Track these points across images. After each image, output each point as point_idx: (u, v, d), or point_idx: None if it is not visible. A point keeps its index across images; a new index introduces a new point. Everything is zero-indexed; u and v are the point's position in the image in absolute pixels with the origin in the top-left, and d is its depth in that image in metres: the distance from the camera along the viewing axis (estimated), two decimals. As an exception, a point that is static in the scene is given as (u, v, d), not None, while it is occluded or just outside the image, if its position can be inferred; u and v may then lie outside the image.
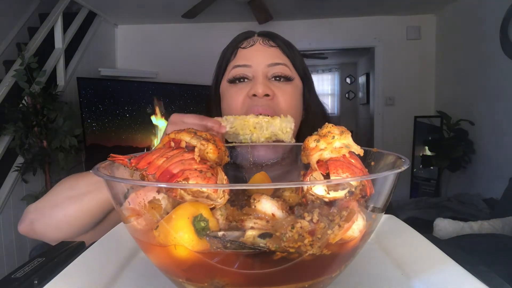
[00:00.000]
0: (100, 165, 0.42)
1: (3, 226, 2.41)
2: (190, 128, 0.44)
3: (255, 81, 0.77)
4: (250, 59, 0.79)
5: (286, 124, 0.68)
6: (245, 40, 0.82)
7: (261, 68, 0.78)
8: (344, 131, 0.43)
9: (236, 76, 0.79)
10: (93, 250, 0.53)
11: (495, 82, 2.91)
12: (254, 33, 0.85)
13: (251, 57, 0.79)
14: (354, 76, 7.49)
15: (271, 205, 0.39)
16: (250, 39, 0.82)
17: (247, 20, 3.76)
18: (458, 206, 2.69)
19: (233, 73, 0.80)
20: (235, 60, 0.81)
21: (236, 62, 0.80)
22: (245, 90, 0.77)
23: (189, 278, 0.38)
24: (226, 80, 0.82)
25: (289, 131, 0.68)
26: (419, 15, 3.93)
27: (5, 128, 2.41)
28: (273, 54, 0.79)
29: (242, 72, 0.79)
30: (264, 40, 0.81)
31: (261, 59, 0.78)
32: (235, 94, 0.78)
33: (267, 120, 0.68)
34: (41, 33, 2.84)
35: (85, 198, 0.69)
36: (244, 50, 0.80)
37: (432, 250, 0.52)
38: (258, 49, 0.80)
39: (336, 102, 7.73)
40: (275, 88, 0.77)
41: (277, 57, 0.79)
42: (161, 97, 3.49)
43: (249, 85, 0.78)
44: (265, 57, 0.79)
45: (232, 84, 0.80)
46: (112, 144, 3.14)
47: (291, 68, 0.80)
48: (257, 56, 0.79)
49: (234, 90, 0.79)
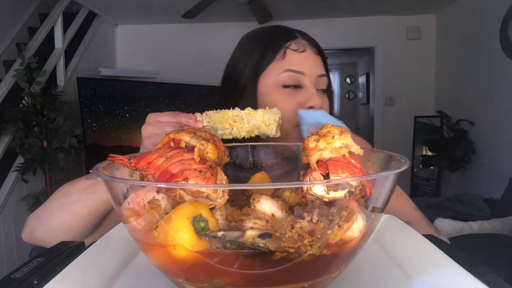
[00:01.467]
0: (99, 165, 0.42)
1: (3, 226, 2.41)
2: (190, 128, 0.44)
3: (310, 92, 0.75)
4: (304, 66, 0.76)
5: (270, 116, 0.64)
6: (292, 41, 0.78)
7: (313, 78, 0.76)
8: (343, 131, 0.43)
9: (290, 82, 0.75)
10: (93, 250, 0.53)
11: (495, 82, 2.91)
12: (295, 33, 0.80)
13: (305, 64, 0.76)
14: (354, 76, 7.49)
15: (270, 205, 0.39)
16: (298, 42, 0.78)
17: (247, 20, 3.76)
18: (458, 206, 2.69)
19: (285, 77, 0.75)
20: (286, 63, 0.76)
21: (289, 66, 0.76)
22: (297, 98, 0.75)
23: (188, 278, 0.38)
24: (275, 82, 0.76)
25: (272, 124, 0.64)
26: (419, 15, 3.93)
27: (5, 128, 2.41)
28: (319, 64, 0.78)
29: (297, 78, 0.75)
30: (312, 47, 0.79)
31: (314, 69, 0.77)
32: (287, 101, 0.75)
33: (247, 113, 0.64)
34: (41, 33, 2.84)
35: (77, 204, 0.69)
36: (296, 55, 0.76)
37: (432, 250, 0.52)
38: (310, 56, 0.77)
39: (336, 102, 7.72)
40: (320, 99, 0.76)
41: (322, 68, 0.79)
42: (161, 97, 3.49)
43: (301, 93, 0.76)
44: (316, 67, 0.77)
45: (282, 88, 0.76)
46: (112, 144, 3.14)
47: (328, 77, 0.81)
48: (310, 65, 0.77)
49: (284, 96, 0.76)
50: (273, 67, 0.77)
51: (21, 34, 3.52)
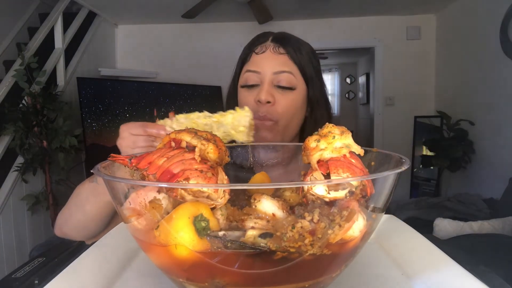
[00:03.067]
0: (100, 165, 0.42)
1: (3, 226, 2.41)
2: (191, 128, 0.44)
3: (261, 87, 0.82)
4: (260, 65, 0.84)
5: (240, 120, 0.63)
6: (259, 44, 0.86)
7: (268, 75, 0.82)
8: (344, 131, 0.43)
9: (248, 82, 0.85)
10: (93, 250, 0.53)
11: (495, 82, 2.91)
12: (268, 37, 0.87)
13: (261, 64, 0.84)
14: (354, 76, 7.49)
15: (271, 205, 0.39)
16: (264, 44, 0.86)
17: (247, 20, 3.77)
18: (458, 206, 2.69)
19: (245, 77, 0.85)
20: (248, 64, 0.86)
21: (249, 66, 0.85)
22: (253, 95, 0.83)
23: (189, 278, 0.38)
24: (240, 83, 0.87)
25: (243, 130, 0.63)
26: (419, 15, 3.93)
27: (5, 128, 2.41)
28: (280, 62, 0.83)
29: (252, 77, 0.84)
30: (275, 47, 0.84)
31: (269, 67, 0.83)
32: (246, 98, 0.84)
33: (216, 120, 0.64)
34: (41, 33, 2.83)
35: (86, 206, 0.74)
36: (256, 56, 0.85)
37: (432, 250, 0.52)
38: (268, 56, 0.84)
39: (336, 102, 7.73)
40: (278, 95, 0.82)
41: (283, 65, 0.83)
42: (161, 97, 3.49)
43: (257, 90, 0.83)
44: (272, 65, 0.83)
45: (245, 88, 0.86)
46: (112, 144, 3.11)
47: (296, 74, 0.84)
48: (266, 64, 0.83)
49: (245, 93, 0.85)
50: (243, 70, 0.87)
51: (21, 34, 3.52)
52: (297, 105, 0.84)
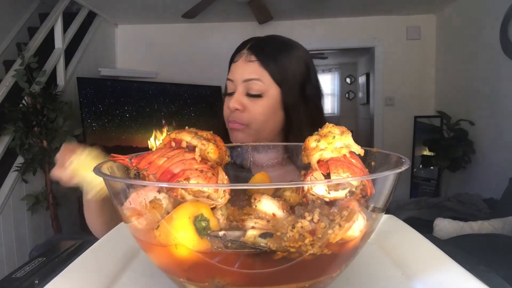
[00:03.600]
0: (100, 165, 0.42)
1: (3, 226, 2.41)
2: (191, 128, 0.44)
3: (234, 95, 0.86)
4: (233, 74, 0.88)
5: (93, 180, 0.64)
6: (238, 53, 0.90)
7: (239, 83, 0.86)
8: (344, 131, 0.43)
9: (227, 90, 0.89)
10: (93, 250, 0.53)
11: (495, 82, 2.91)
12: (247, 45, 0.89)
13: (234, 73, 0.87)
14: (354, 76, 7.49)
15: (271, 205, 0.39)
16: (240, 53, 0.89)
17: (247, 20, 3.77)
18: (458, 206, 2.69)
19: (226, 85, 0.90)
20: (229, 73, 0.90)
21: (228, 76, 0.90)
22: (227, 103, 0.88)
23: (190, 278, 0.38)
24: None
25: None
26: (419, 15, 3.93)
27: (5, 128, 2.41)
28: (250, 70, 0.85)
29: (230, 86, 0.89)
30: (247, 55, 0.87)
31: (240, 75, 0.86)
32: (225, 105, 0.89)
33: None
34: (41, 33, 2.83)
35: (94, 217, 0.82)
36: (233, 65, 0.89)
37: (432, 250, 0.52)
38: (239, 65, 0.87)
39: (336, 102, 7.73)
40: (249, 102, 0.85)
41: (251, 73, 0.85)
42: (161, 97, 3.49)
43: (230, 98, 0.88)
44: (242, 73, 0.86)
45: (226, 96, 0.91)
46: (112, 144, 3.14)
47: (266, 80, 0.84)
48: (238, 72, 0.87)
49: (226, 100, 0.90)
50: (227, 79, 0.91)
51: (21, 34, 3.52)
52: (268, 111, 0.85)
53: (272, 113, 0.86)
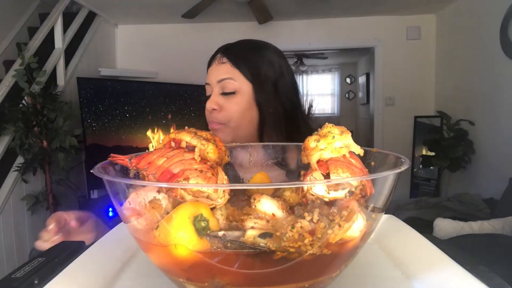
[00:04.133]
0: (100, 165, 0.43)
1: (3, 226, 2.41)
2: (191, 128, 0.44)
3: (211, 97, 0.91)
4: (209, 78, 0.93)
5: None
6: (212, 59, 0.96)
7: (214, 85, 0.91)
8: (344, 131, 0.43)
9: (206, 93, 0.95)
10: (93, 250, 0.53)
11: (495, 82, 2.91)
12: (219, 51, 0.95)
13: (209, 76, 0.93)
14: (354, 76, 7.49)
15: (271, 205, 0.39)
16: (214, 58, 0.95)
17: (247, 20, 3.76)
18: (458, 206, 2.69)
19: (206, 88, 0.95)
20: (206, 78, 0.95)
21: (206, 80, 0.95)
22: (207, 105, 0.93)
23: (189, 278, 0.38)
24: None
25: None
26: (419, 15, 3.93)
27: (5, 128, 2.41)
28: (222, 70, 0.91)
29: (207, 89, 0.94)
30: (220, 58, 0.92)
31: (214, 77, 0.92)
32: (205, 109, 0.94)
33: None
34: (41, 33, 2.83)
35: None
36: (209, 70, 0.95)
37: (432, 250, 0.52)
38: (213, 68, 0.93)
39: (336, 102, 7.73)
40: (224, 101, 0.90)
41: (224, 73, 0.90)
42: (161, 97, 3.49)
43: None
44: (216, 75, 0.91)
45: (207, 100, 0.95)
46: (112, 144, 3.14)
47: (238, 79, 0.90)
48: (212, 75, 0.92)
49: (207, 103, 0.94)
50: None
51: (21, 34, 3.52)
52: (243, 107, 0.90)
53: (247, 109, 0.90)
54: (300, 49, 4.77)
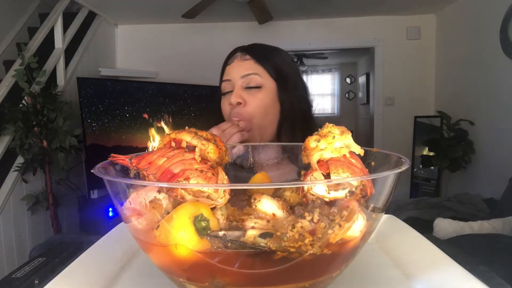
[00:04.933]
0: (100, 165, 0.43)
1: (3, 226, 2.41)
2: (191, 128, 0.44)
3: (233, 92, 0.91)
4: (230, 74, 0.94)
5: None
6: (230, 58, 0.97)
7: (237, 80, 0.92)
8: (344, 131, 0.43)
9: (224, 90, 0.95)
10: (93, 250, 0.53)
11: (495, 82, 2.91)
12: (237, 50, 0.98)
13: (231, 72, 0.94)
14: (354, 76, 7.49)
15: (271, 205, 0.39)
16: (233, 56, 0.96)
17: (247, 20, 3.76)
18: (458, 206, 2.69)
19: (222, 87, 0.96)
20: (223, 76, 0.97)
21: (223, 77, 0.96)
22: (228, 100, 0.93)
23: (189, 278, 0.38)
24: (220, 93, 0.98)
25: None
26: (419, 15, 3.93)
27: (5, 128, 2.41)
28: (246, 66, 0.92)
29: (226, 86, 0.94)
30: (242, 56, 0.94)
31: (237, 73, 0.93)
32: (224, 104, 0.95)
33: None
34: (41, 33, 2.83)
35: None
36: (227, 67, 0.96)
37: (432, 250, 0.52)
38: (235, 65, 0.94)
39: (336, 102, 7.73)
40: (248, 95, 0.91)
41: (249, 69, 0.92)
42: (161, 97, 3.49)
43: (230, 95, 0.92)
44: (239, 71, 0.92)
45: (223, 96, 0.96)
46: (112, 144, 3.14)
47: (263, 75, 0.92)
48: (234, 71, 0.93)
49: (223, 100, 0.96)
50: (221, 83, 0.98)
51: (21, 34, 3.51)
52: (267, 103, 0.91)
53: (270, 106, 0.91)
54: (300, 49, 4.77)
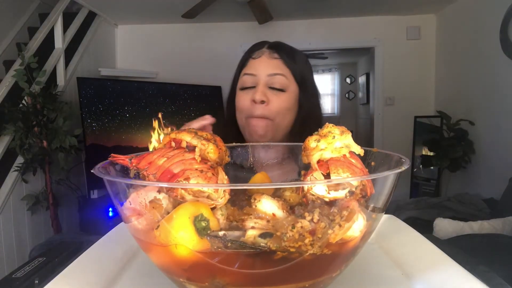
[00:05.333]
0: (100, 165, 0.43)
1: (3, 226, 2.41)
2: (191, 128, 0.44)
3: (257, 88, 0.88)
4: (256, 69, 0.91)
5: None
6: (256, 51, 0.94)
7: (263, 77, 0.89)
8: (344, 131, 0.43)
9: (245, 85, 0.91)
10: (93, 250, 0.53)
11: (495, 82, 2.91)
12: (265, 44, 0.95)
13: (257, 67, 0.91)
14: (354, 76, 7.48)
15: (271, 205, 0.39)
16: (260, 50, 0.93)
17: (247, 20, 3.76)
18: (458, 206, 2.68)
19: (242, 80, 0.92)
20: (246, 68, 0.93)
21: (246, 70, 0.92)
22: (249, 96, 0.89)
23: (189, 278, 0.38)
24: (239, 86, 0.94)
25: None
26: (419, 15, 3.93)
27: (5, 128, 2.41)
28: (274, 65, 0.90)
29: (249, 80, 0.91)
30: (271, 53, 0.92)
31: (264, 70, 0.90)
32: (243, 99, 0.91)
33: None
34: (41, 33, 2.83)
35: None
36: (253, 61, 0.92)
37: (432, 250, 0.52)
38: (263, 60, 0.91)
39: (336, 102, 7.72)
40: (272, 95, 0.88)
41: (277, 68, 0.90)
42: (161, 97, 3.49)
43: (252, 91, 0.89)
44: (267, 68, 0.90)
45: (242, 90, 0.92)
46: (112, 144, 3.14)
47: (288, 77, 0.90)
48: (261, 67, 0.90)
49: (242, 95, 0.92)
50: (241, 74, 0.94)
51: (21, 34, 3.51)
52: (289, 105, 0.90)
53: (291, 109, 0.91)
54: (300, 49, 4.76)
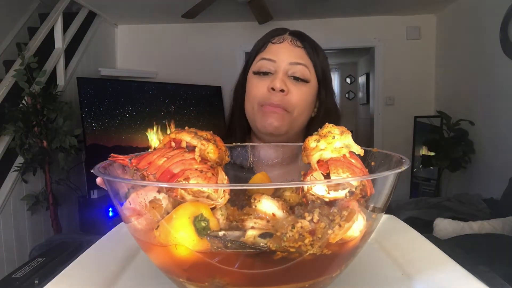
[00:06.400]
0: (100, 165, 0.42)
1: (3, 226, 2.40)
2: (191, 128, 0.44)
3: (276, 75, 0.82)
4: (276, 55, 0.84)
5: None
6: (277, 36, 0.87)
7: (284, 65, 0.83)
8: (344, 131, 0.43)
9: (261, 69, 0.85)
10: (93, 250, 0.53)
11: (495, 82, 2.91)
12: (286, 31, 0.89)
13: (278, 53, 0.84)
14: (354, 76, 7.48)
15: (271, 205, 0.39)
16: (281, 36, 0.87)
17: (247, 20, 3.76)
18: (458, 206, 2.68)
19: (259, 65, 0.85)
20: (264, 53, 0.86)
21: (264, 55, 0.85)
22: (266, 82, 0.83)
23: (189, 278, 0.38)
24: (252, 70, 0.87)
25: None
26: (419, 15, 3.93)
27: (5, 128, 2.41)
28: (297, 54, 0.84)
29: (267, 65, 0.84)
30: (293, 40, 0.86)
31: (286, 57, 0.83)
32: (258, 85, 0.84)
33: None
34: (41, 33, 2.83)
35: None
36: (273, 46, 0.86)
37: (432, 250, 0.52)
38: (285, 46, 0.85)
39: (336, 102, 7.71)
40: (292, 85, 0.83)
41: (300, 57, 0.84)
42: (161, 97, 3.48)
43: (270, 78, 0.83)
44: (289, 56, 0.84)
45: (256, 75, 0.86)
46: (112, 144, 3.14)
47: (310, 69, 0.85)
48: (283, 54, 0.84)
49: (257, 80, 0.85)
50: (257, 58, 0.87)
51: (21, 34, 3.51)
52: (308, 99, 0.85)
53: (310, 103, 0.86)
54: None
